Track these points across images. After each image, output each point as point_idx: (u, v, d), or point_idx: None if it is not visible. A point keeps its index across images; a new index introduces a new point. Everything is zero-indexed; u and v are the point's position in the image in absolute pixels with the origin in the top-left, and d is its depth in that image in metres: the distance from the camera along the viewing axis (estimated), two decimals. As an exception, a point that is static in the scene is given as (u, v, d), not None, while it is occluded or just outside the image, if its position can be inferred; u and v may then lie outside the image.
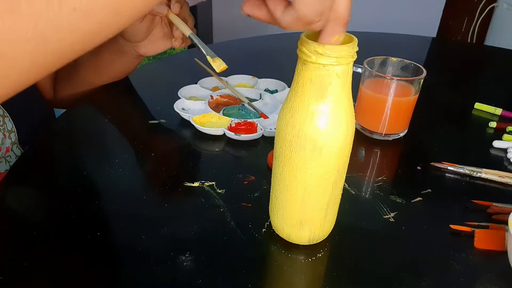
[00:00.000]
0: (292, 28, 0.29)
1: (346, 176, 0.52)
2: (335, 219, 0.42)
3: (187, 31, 0.57)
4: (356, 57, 0.33)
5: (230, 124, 0.59)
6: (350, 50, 0.32)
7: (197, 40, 0.56)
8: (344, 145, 0.36)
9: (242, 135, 0.57)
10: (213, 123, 0.61)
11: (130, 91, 0.73)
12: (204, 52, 0.55)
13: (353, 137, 0.37)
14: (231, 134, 0.58)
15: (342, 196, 0.49)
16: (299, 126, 0.34)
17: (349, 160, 0.58)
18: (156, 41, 0.61)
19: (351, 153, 0.60)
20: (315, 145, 0.35)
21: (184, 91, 0.67)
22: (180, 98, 0.65)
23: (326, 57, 0.31)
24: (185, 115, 0.62)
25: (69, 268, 0.39)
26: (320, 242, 0.43)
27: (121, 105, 0.69)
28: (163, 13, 0.56)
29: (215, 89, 0.70)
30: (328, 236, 0.43)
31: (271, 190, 0.42)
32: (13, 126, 0.57)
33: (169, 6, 0.57)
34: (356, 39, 0.33)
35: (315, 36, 0.32)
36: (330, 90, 0.33)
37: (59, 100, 0.74)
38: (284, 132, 0.36)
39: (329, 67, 0.32)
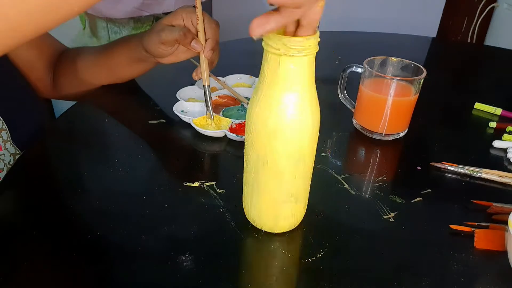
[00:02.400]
0: (304, 3, 0.29)
1: (346, 176, 0.53)
2: (306, 203, 0.43)
3: (205, 82, 0.59)
4: (318, 48, 0.34)
5: (231, 126, 0.59)
6: (314, 42, 0.33)
7: (208, 95, 0.60)
8: (312, 131, 0.37)
9: (243, 136, 0.57)
10: (214, 125, 0.61)
11: (130, 91, 0.73)
12: (206, 108, 0.60)
13: (319, 122, 0.38)
14: (232, 136, 0.58)
15: (342, 196, 0.50)
16: (267, 116, 0.36)
17: (349, 160, 0.58)
18: (178, 54, 0.62)
19: (352, 153, 0.60)
20: (284, 134, 0.36)
21: (182, 92, 0.67)
22: (179, 100, 0.65)
23: (292, 49, 0.32)
24: (185, 118, 0.61)
25: (69, 268, 0.39)
26: (320, 242, 0.43)
27: (121, 105, 0.69)
28: (197, 50, 0.57)
29: (213, 89, 0.70)
30: (328, 236, 0.43)
31: (244, 183, 0.43)
32: (3, 124, 0.57)
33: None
34: (318, 31, 0.33)
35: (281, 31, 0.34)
36: (297, 80, 0.34)
37: (60, 95, 0.74)
38: (255, 124, 0.37)
39: (295, 58, 0.33)
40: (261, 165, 0.38)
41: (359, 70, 0.62)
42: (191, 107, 0.65)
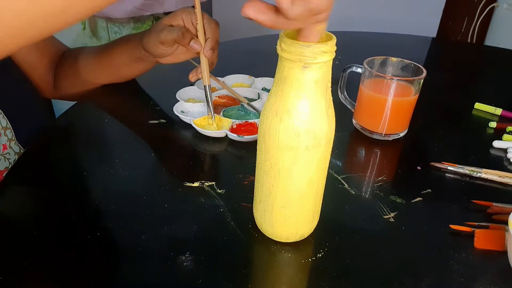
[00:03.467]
0: (298, 21, 0.28)
1: (346, 176, 0.53)
2: (319, 213, 0.43)
3: (206, 81, 0.60)
4: (334, 55, 0.33)
5: (232, 126, 0.59)
6: (331, 49, 0.33)
7: (209, 95, 0.60)
8: (328, 139, 0.37)
9: (244, 137, 0.57)
10: (214, 125, 0.61)
11: (130, 91, 0.73)
12: (207, 109, 0.60)
13: (334, 130, 0.38)
14: (233, 136, 0.58)
15: (342, 196, 0.50)
16: (309, 127, 0.34)
17: (349, 160, 0.58)
18: (177, 55, 0.63)
19: (352, 153, 0.60)
20: (320, 140, 0.35)
21: (182, 93, 0.67)
22: (178, 100, 0.65)
23: (329, 54, 0.32)
24: (185, 118, 0.61)
25: (69, 268, 0.39)
26: (320, 242, 0.43)
27: (121, 105, 0.69)
28: (196, 50, 0.57)
29: (212, 90, 0.70)
30: (328, 236, 0.44)
31: (255, 194, 0.41)
32: (8, 122, 0.57)
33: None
34: (334, 38, 0.33)
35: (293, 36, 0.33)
36: (328, 84, 0.34)
37: (61, 95, 0.74)
38: (270, 134, 0.36)
39: (328, 62, 0.33)
40: (275, 176, 0.37)
41: (359, 70, 0.62)
42: (190, 108, 0.65)
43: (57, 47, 0.73)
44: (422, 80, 0.57)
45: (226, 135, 0.59)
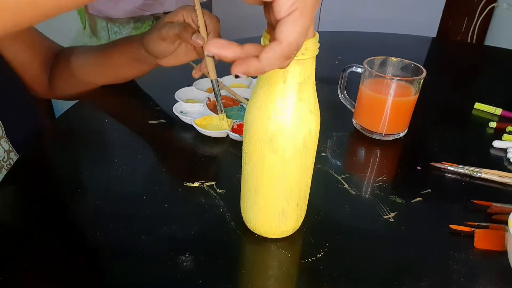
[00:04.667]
0: (270, 68, 0.29)
1: (346, 176, 0.53)
2: (306, 208, 0.44)
3: (212, 76, 0.58)
4: (317, 51, 0.34)
5: (233, 126, 0.59)
6: (313, 45, 0.33)
7: (217, 89, 0.59)
8: (312, 135, 0.37)
9: None
10: (215, 125, 0.61)
11: (130, 91, 0.73)
12: (217, 105, 0.60)
13: (319, 126, 0.38)
14: (235, 136, 0.58)
15: (342, 196, 0.50)
16: (265, 121, 0.35)
17: (349, 160, 0.58)
18: (178, 56, 0.62)
19: (352, 153, 0.60)
20: (283, 139, 0.35)
21: (180, 93, 0.67)
22: (178, 101, 0.65)
23: (310, 51, 0.32)
24: (186, 119, 0.61)
25: (69, 268, 0.39)
26: (320, 242, 0.43)
27: (121, 105, 0.69)
28: (199, 44, 0.56)
29: (210, 90, 0.70)
30: (328, 236, 0.44)
31: (241, 189, 0.42)
32: None
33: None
34: (317, 34, 0.34)
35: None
36: (295, 84, 0.34)
37: (56, 95, 0.74)
38: (252, 129, 0.36)
39: (310, 60, 0.33)
40: (260, 171, 0.38)
41: (359, 70, 0.62)
42: (190, 108, 0.64)
43: (51, 47, 0.72)
44: (422, 80, 0.57)
45: (227, 135, 0.59)
